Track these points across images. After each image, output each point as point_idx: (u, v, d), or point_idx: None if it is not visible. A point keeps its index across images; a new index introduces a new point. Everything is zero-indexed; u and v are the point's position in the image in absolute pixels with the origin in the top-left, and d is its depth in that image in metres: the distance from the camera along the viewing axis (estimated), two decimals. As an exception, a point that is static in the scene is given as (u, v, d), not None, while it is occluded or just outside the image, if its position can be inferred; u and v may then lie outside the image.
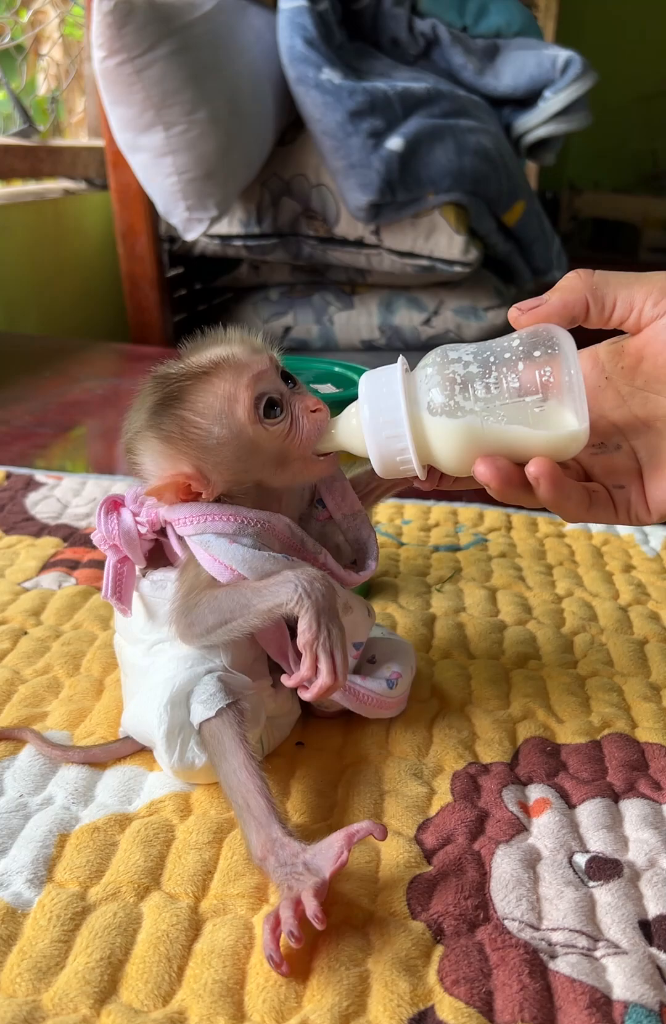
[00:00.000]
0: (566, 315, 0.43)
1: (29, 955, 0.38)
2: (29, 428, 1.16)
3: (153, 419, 0.47)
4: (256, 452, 0.47)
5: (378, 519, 0.89)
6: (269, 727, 0.52)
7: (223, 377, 0.46)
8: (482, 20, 1.88)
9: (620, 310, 0.43)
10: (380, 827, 0.40)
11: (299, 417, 0.47)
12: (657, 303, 0.43)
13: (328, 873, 0.39)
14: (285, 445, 0.47)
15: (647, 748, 0.54)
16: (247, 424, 0.46)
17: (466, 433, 0.42)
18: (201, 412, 0.46)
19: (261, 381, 0.47)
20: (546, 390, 0.41)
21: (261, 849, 0.41)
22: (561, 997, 0.37)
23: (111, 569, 0.49)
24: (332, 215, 1.74)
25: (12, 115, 1.81)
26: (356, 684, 0.52)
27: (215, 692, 0.46)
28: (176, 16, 1.49)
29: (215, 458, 0.46)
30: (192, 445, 0.46)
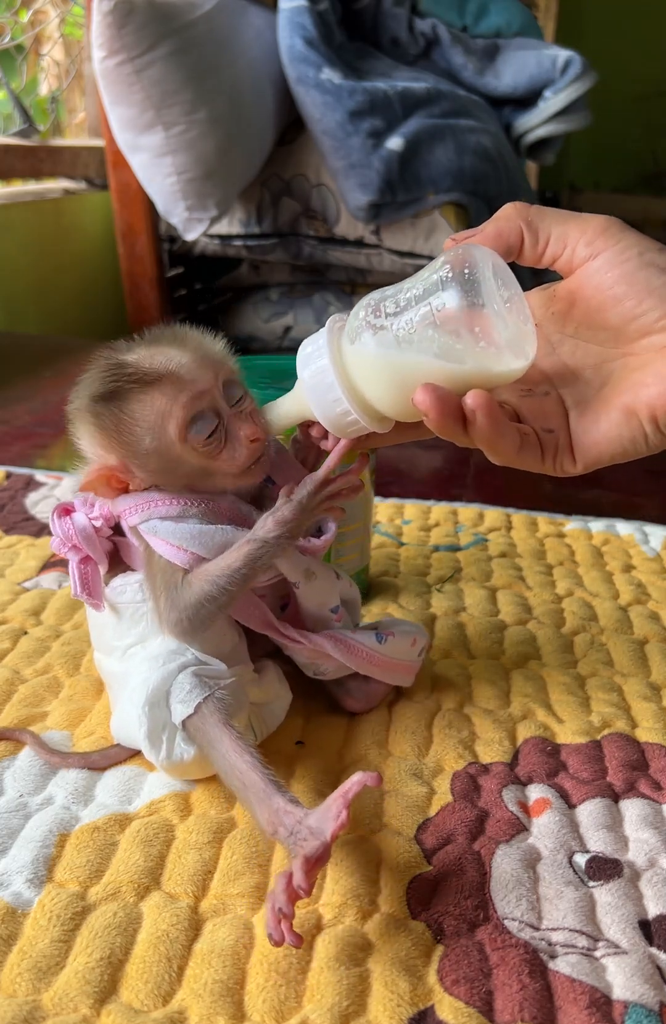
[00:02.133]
0: (501, 244, 0.42)
1: (29, 955, 0.38)
2: (29, 428, 1.16)
3: (93, 406, 0.48)
4: (181, 465, 0.48)
5: (378, 519, 0.89)
6: (259, 714, 0.52)
7: (163, 391, 0.47)
8: (482, 20, 1.88)
9: (553, 246, 0.42)
10: (373, 775, 0.40)
11: (233, 442, 0.48)
12: (591, 243, 0.41)
13: (329, 835, 0.39)
14: (211, 463, 0.48)
15: (647, 748, 0.54)
16: (176, 441, 0.47)
17: (384, 363, 0.41)
18: (136, 420, 0.47)
19: (199, 401, 0.47)
20: (463, 309, 0.39)
21: (268, 823, 0.41)
22: (561, 997, 0.37)
23: (76, 570, 0.50)
24: (332, 215, 1.74)
25: (12, 115, 1.81)
26: (345, 635, 0.53)
27: (192, 688, 0.46)
28: (176, 16, 1.49)
29: (142, 462, 0.48)
30: (123, 444, 0.48)
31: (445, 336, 0.39)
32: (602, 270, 0.41)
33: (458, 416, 0.40)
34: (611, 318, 0.41)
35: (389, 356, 0.41)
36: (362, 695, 0.56)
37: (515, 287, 0.40)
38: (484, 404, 0.39)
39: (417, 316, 0.40)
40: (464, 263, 0.39)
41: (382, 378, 0.42)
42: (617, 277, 0.40)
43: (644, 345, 0.41)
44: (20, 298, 1.72)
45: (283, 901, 0.37)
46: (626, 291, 0.40)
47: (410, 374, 0.41)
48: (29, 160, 1.76)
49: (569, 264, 0.42)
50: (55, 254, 1.82)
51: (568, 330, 0.44)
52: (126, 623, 0.50)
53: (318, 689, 0.59)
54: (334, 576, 0.54)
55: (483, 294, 0.39)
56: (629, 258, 0.40)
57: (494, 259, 0.40)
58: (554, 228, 0.42)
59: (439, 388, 0.39)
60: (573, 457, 0.44)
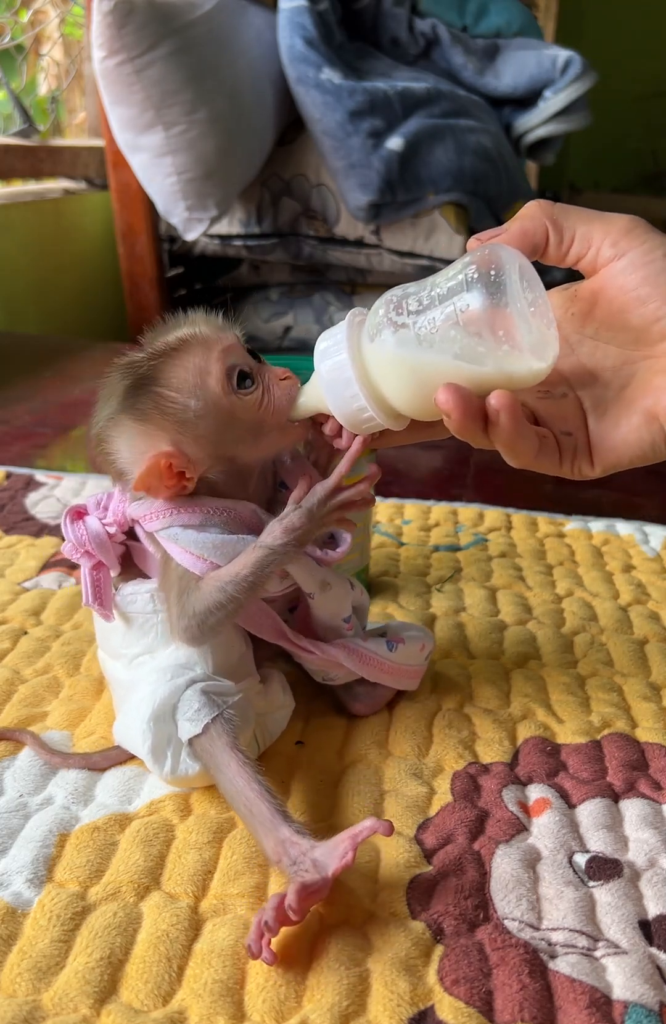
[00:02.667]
0: (527, 243, 0.42)
1: (29, 955, 0.38)
2: (29, 428, 1.16)
3: (127, 401, 0.46)
4: (232, 423, 0.47)
5: (378, 519, 0.89)
6: (262, 723, 0.52)
7: (193, 352, 0.47)
8: (482, 20, 1.88)
9: (578, 245, 0.42)
10: (385, 824, 0.40)
11: (270, 386, 0.47)
12: (615, 243, 0.41)
13: (331, 872, 0.39)
14: (260, 415, 0.47)
15: (647, 748, 0.54)
16: (221, 395, 0.46)
17: (404, 361, 0.41)
18: (176, 387, 0.46)
19: (230, 354, 0.47)
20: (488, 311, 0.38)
21: (274, 852, 0.41)
22: (561, 997, 0.37)
23: (88, 576, 0.49)
24: (332, 215, 1.74)
25: (12, 115, 1.81)
26: (358, 644, 0.53)
27: (200, 707, 0.46)
28: (176, 16, 1.49)
29: (194, 431, 0.46)
30: (170, 420, 0.46)
31: (468, 337, 0.39)
32: (626, 271, 0.40)
33: (479, 417, 0.40)
34: (633, 319, 0.41)
35: (410, 354, 0.41)
36: (369, 699, 0.56)
37: (540, 289, 0.40)
38: (508, 405, 0.39)
39: (440, 316, 0.40)
40: (490, 264, 0.39)
41: (401, 376, 0.42)
42: (641, 279, 0.40)
43: (665, 348, 0.41)
44: (20, 298, 1.72)
45: (271, 917, 0.37)
46: (650, 293, 0.40)
47: (431, 374, 0.40)
48: (29, 160, 1.76)
49: (593, 264, 0.42)
50: (55, 254, 1.82)
51: (588, 331, 0.44)
52: (135, 632, 0.50)
53: (318, 690, 0.59)
54: (349, 586, 0.54)
55: (508, 296, 0.38)
56: (654, 260, 0.40)
57: (520, 260, 0.40)
58: (579, 227, 0.42)
59: (462, 388, 0.39)
60: (591, 461, 0.44)
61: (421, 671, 0.57)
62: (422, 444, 1.13)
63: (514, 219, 0.43)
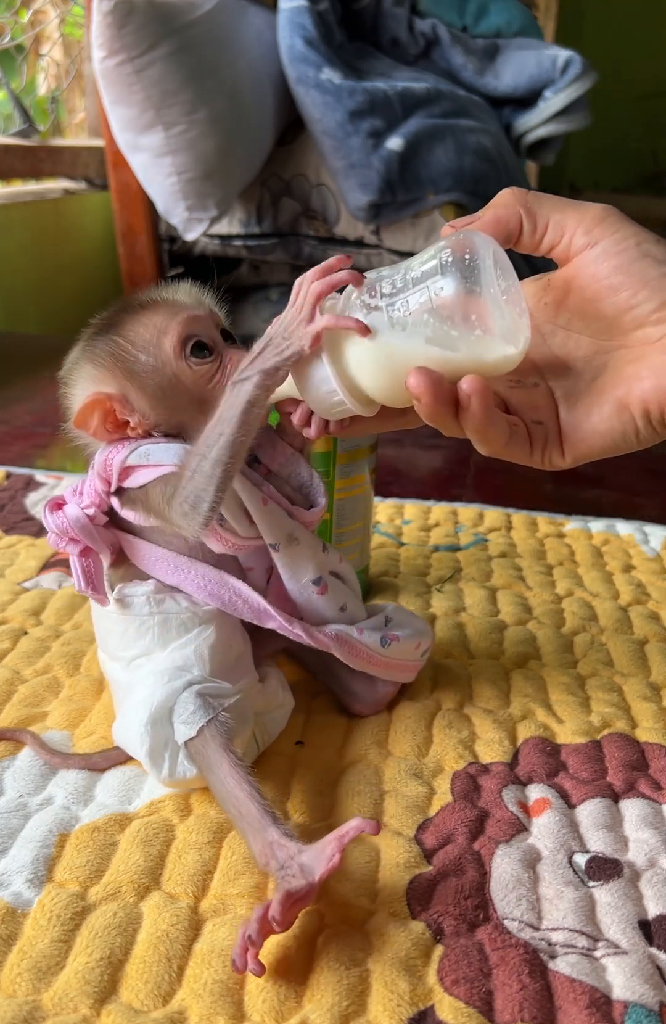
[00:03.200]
0: (500, 230, 0.41)
1: (29, 955, 0.38)
2: (29, 428, 1.16)
3: (87, 345, 0.49)
4: (178, 388, 0.48)
5: (378, 519, 0.89)
6: (262, 723, 0.52)
7: (158, 312, 0.48)
8: (482, 20, 1.88)
9: (551, 233, 0.42)
10: (372, 823, 0.40)
11: (227, 366, 0.48)
12: (588, 232, 0.41)
13: (318, 876, 0.39)
14: (207, 389, 0.48)
15: (647, 748, 0.54)
16: (172, 358, 0.48)
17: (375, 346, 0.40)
18: (131, 339, 0.48)
19: (195, 324, 0.48)
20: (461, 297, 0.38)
21: (261, 854, 0.41)
22: (561, 997, 0.37)
23: (77, 563, 0.49)
24: (332, 215, 1.74)
25: (12, 115, 1.81)
26: (351, 636, 0.52)
27: (195, 710, 0.46)
28: (176, 16, 1.50)
29: (140, 383, 0.47)
30: (119, 367, 0.48)
31: (441, 321, 0.39)
32: (599, 259, 0.40)
33: (450, 402, 0.39)
34: (606, 308, 0.41)
35: (382, 338, 0.40)
36: (370, 699, 0.56)
37: (513, 277, 0.40)
38: (480, 390, 0.39)
39: (414, 299, 0.39)
40: (465, 249, 0.38)
41: (373, 360, 0.41)
42: (613, 267, 0.40)
43: (638, 337, 0.41)
44: (20, 298, 1.72)
45: (254, 930, 0.37)
46: (622, 281, 0.40)
47: (403, 358, 0.40)
48: (29, 160, 1.76)
49: (566, 252, 0.42)
50: (55, 254, 1.82)
51: (560, 320, 0.44)
52: (132, 634, 0.50)
53: (318, 690, 0.59)
54: (318, 547, 0.52)
55: (482, 282, 0.38)
56: (626, 248, 0.40)
57: (495, 247, 0.40)
58: (552, 215, 0.42)
59: (433, 372, 0.39)
60: (562, 450, 0.43)
61: (417, 666, 0.57)
62: (422, 444, 1.13)
63: (488, 207, 0.43)
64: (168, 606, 0.49)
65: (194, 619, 0.49)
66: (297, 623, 0.50)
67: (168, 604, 0.49)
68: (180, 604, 0.49)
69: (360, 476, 0.67)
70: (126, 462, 0.47)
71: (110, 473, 0.48)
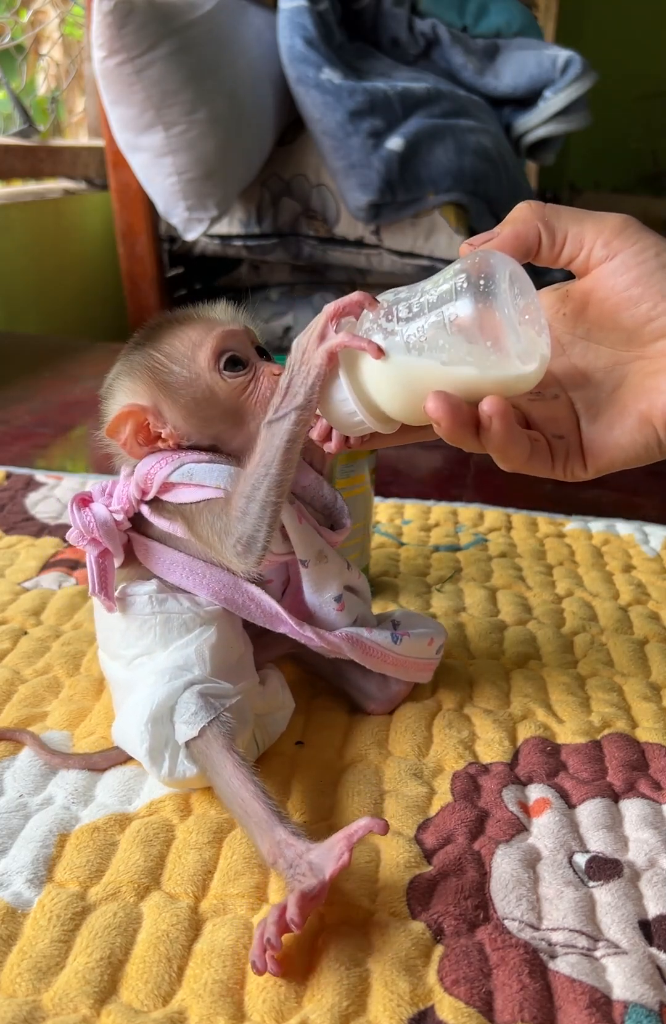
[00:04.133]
0: (519, 247, 0.41)
1: (29, 955, 0.38)
2: (29, 428, 1.16)
3: (126, 357, 0.50)
4: (212, 401, 0.49)
5: (378, 519, 0.89)
6: (262, 724, 0.52)
7: (194, 326, 0.50)
8: (482, 20, 1.88)
9: (570, 246, 0.41)
10: (380, 822, 0.40)
11: (260, 378, 0.49)
12: (607, 244, 0.40)
13: (328, 875, 0.39)
14: (241, 402, 0.49)
15: (647, 748, 0.54)
16: (206, 371, 0.48)
17: (394, 367, 0.41)
18: (167, 352, 0.49)
19: (229, 338, 0.49)
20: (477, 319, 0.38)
21: (269, 853, 0.41)
22: (561, 997, 0.37)
23: (94, 564, 0.49)
24: (332, 215, 1.74)
25: (12, 115, 1.81)
26: (362, 636, 0.52)
27: (197, 710, 0.46)
28: (176, 16, 1.49)
29: (173, 397, 0.48)
30: (154, 379, 0.48)
31: (457, 345, 0.39)
32: (618, 272, 0.40)
33: (470, 423, 0.40)
34: (625, 320, 0.41)
35: (399, 361, 0.41)
36: (384, 697, 0.56)
37: (532, 295, 0.40)
38: (501, 411, 0.39)
39: (430, 323, 0.40)
40: (480, 272, 0.38)
41: (391, 382, 0.42)
42: (633, 279, 0.40)
43: (658, 348, 0.41)
44: (20, 298, 1.72)
45: (273, 932, 0.37)
46: (642, 293, 0.40)
47: (420, 380, 0.40)
48: (29, 160, 1.76)
49: (585, 265, 0.42)
50: (55, 254, 1.82)
51: (579, 331, 0.44)
52: (134, 633, 0.50)
53: (318, 690, 0.59)
54: (344, 565, 0.54)
55: (498, 304, 0.38)
56: (646, 260, 0.40)
57: (512, 267, 0.39)
58: (571, 228, 0.41)
59: (451, 396, 0.39)
60: (584, 463, 0.43)
61: (432, 664, 0.57)
62: (422, 444, 1.13)
63: (505, 222, 0.42)
64: (170, 606, 0.49)
65: (196, 619, 0.49)
66: (308, 627, 0.51)
67: (170, 604, 0.49)
68: (182, 604, 0.49)
69: (360, 476, 0.67)
70: (169, 478, 0.48)
71: (150, 485, 0.49)
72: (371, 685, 0.56)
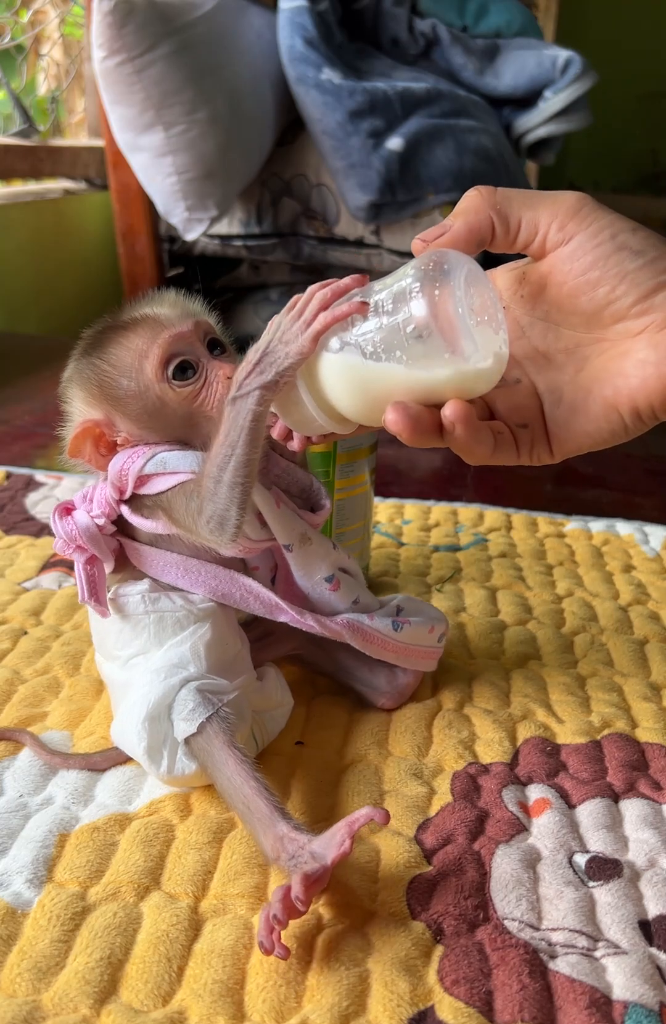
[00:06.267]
0: (473, 240, 0.41)
1: (29, 955, 0.38)
2: (29, 428, 1.16)
3: (76, 366, 0.49)
4: (162, 410, 0.48)
5: (378, 519, 0.89)
6: (260, 721, 0.52)
7: (139, 333, 0.48)
8: (482, 20, 1.88)
9: (525, 232, 0.41)
10: (381, 811, 0.40)
11: (213, 382, 0.48)
12: (562, 227, 0.40)
13: (330, 860, 0.39)
14: (193, 408, 0.48)
15: (647, 748, 0.54)
16: (154, 382, 0.47)
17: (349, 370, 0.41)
18: (114, 363, 0.48)
19: (175, 343, 0.48)
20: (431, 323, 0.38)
21: (272, 849, 0.41)
22: (561, 997, 0.37)
23: (82, 572, 0.49)
24: (332, 215, 1.74)
25: (12, 115, 1.81)
26: (363, 623, 0.52)
27: (195, 707, 0.46)
28: (176, 16, 1.50)
29: (124, 408, 0.48)
30: (104, 393, 0.48)
31: (413, 348, 0.39)
32: (575, 255, 0.40)
33: (432, 429, 0.39)
34: (584, 304, 0.40)
35: (356, 365, 0.41)
36: (392, 689, 0.56)
37: (488, 292, 0.40)
38: (463, 416, 0.39)
39: (385, 328, 0.39)
40: (435, 278, 0.38)
41: (347, 386, 0.42)
42: (590, 263, 0.39)
43: (618, 331, 0.40)
44: (20, 298, 1.72)
45: (278, 909, 0.37)
46: (599, 277, 0.39)
47: (377, 383, 0.40)
48: (29, 160, 1.76)
49: (541, 249, 0.41)
50: (55, 254, 1.82)
51: (538, 313, 0.43)
52: (128, 633, 0.50)
53: (318, 689, 0.59)
54: (330, 546, 0.53)
55: (453, 310, 0.38)
56: (602, 242, 0.39)
57: (467, 268, 0.39)
58: (524, 213, 0.41)
59: (409, 407, 0.39)
60: (550, 448, 0.43)
61: (435, 652, 0.57)
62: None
63: (456, 213, 0.41)
64: (163, 604, 0.49)
65: (190, 616, 0.49)
66: (308, 614, 0.51)
67: (163, 602, 0.49)
68: (175, 602, 0.49)
69: (360, 476, 0.67)
70: (143, 471, 0.47)
71: (125, 482, 0.48)
72: (379, 679, 0.56)
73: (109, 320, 0.50)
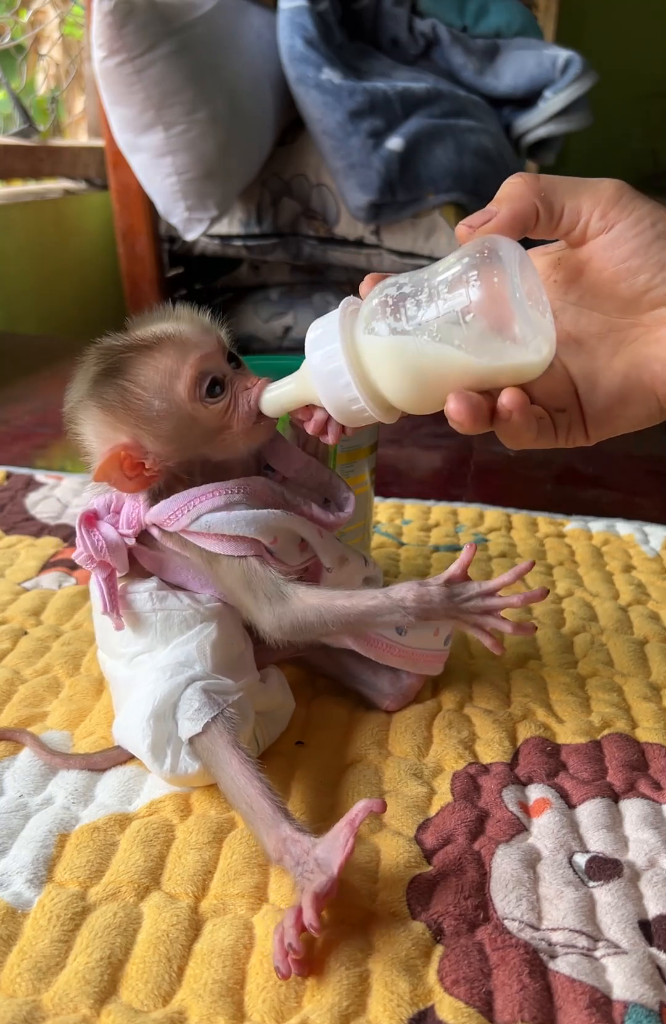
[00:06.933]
0: (517, 226, 0.41)
1: (29, 955, 0.38)
2: (29, 428, 1.16)
3: (95, 388, 0.47)
4: (194, 427, 0.48)
5: (378, 519, 0.89)
6: (262, 722, 0.52)
7: (166, 353, 0.47)
8: (482, 20, 1.88)
9: (567, 219, 0.41)
10: (378, 801, 0.40)
11: (237, 395, 0.48)
12: (604, 215, 0.41)
13: (336, 868, 0.39)
14: (222, 422, 0.48)
15: (647, 748, 0.54)
16: (187, 401, 0.47)
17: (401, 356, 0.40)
18: (143, 384, 0.47)
19: (206, 361, 0.48)
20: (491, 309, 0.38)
21: (275, 850, 0.41)
22: (561, 997, 0.37)
23: (103, 586, 0.49)
24: (332, 215, 1.74)
25: (12, 115, 1.81)
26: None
27: (200, 706, 0.46)
28: (176, 16, 1.50)
29: (154, 429, 0.47)
30: (132, 414, 0.47)
31: (468, 333, 0.39)
32: (616, 243, 0.41)
33: (487, 416, 0.40)
34: (623, 290, 0.41)
35: (408, 350, 0.40)
36: (397, 692, 0.56)
37: (534, 277, 0.40)
38: (520, 405, 0.40)
39: (439, 312, 0.39)
40: (492, 265, 0.38)
41: (397, 371, 0.41)
42: (631, 251, 0.40)
43: (655, 316, 0.41)
44: (20, 298, 1.72)
45: (292, 936, 0.37)
46: (641, 264, 0.40)
47: (433, 370, 0.40)
48: (29, 160, 1.76)
49: (582, 236, 0.42)
50: (55, 255, 1.82)
51: (570, 298, 0.44)
52: (134, 631, 0.50)
53: (319, 690, 0.59)
54: (362, 561, 0.54)
55: (507, 291, 0.38)
56: (643, 230, 0.40)
57: (519, 253, 0.39)
58: (567, 200, 0.41)
59: (471, 396, 0.39)
60: (586, 431, 0.44)
61: (440, 656, 0.57)
62: (422, 444, 1.13)
63: (501, 199, 0.42)
64: (170, 602, 0.49)
65: (196, 616, 0.49)
66: None
67: (170, 601, 0.49)
68: (182, 601, 0.50)
69: (360, 476, 0.67)
70: (188, 528, 0.47)
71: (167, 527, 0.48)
72: (383, 681, 0.56)
73: (124, 339, 0.48)
